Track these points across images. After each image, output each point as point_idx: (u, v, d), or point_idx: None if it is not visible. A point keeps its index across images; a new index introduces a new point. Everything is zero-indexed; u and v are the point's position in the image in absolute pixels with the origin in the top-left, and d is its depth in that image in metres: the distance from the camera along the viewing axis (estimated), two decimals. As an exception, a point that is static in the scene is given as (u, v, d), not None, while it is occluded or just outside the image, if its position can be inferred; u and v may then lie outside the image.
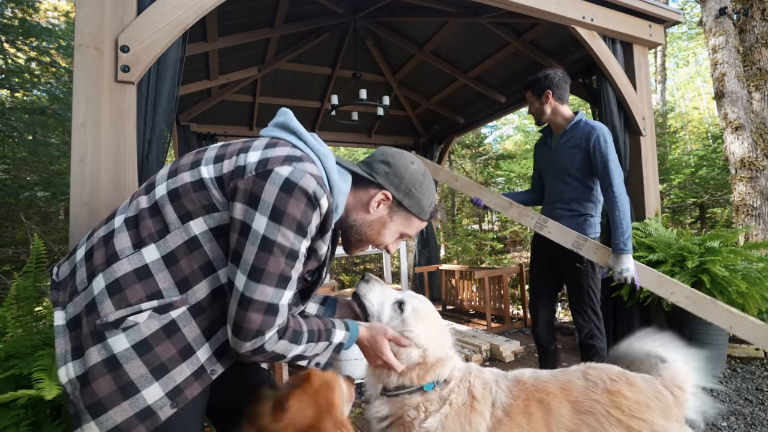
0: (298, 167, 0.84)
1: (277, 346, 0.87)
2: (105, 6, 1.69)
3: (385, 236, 1.06)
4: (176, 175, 0.90)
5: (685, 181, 6.40)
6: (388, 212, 1.04)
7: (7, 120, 4.34)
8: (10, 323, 1.32)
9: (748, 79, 4.37)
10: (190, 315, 0.87)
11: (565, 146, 2.18)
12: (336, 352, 1.02)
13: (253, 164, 0.84)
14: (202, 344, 0.88)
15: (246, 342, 0.84)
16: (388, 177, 1.02)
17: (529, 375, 1.18)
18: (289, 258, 0.84)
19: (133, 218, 0.90)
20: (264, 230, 0.81)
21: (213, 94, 4.74)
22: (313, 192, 0.83)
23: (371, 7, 3.87)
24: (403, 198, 1.02)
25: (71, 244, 1.59)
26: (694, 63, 15.35)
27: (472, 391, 1.11)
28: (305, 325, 0.94)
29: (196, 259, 0.87)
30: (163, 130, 1.82)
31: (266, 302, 0.83)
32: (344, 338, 1.02)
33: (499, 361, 3.27)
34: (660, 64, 12.14)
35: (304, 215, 0.83)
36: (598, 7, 2.90)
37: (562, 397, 1.09)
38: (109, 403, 0.81)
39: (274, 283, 0.83)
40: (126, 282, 0.85)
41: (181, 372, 0.86)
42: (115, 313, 0.83)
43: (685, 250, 2.62)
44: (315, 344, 0.95)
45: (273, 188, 0.81)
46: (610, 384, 1.10)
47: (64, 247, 4.21)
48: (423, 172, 1.05)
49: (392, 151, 1.06)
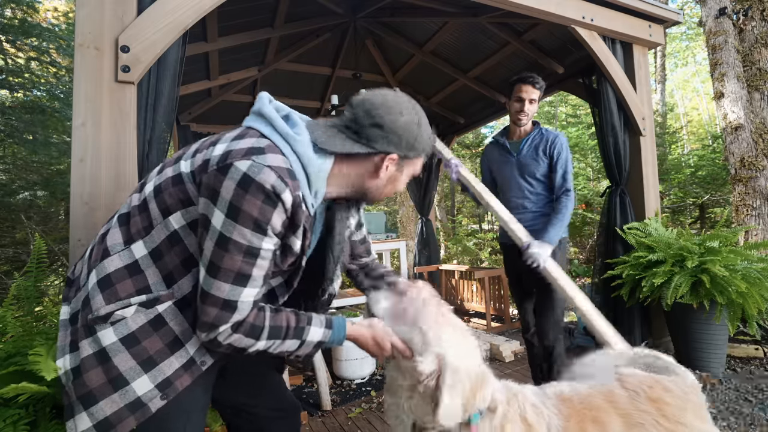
0: (258, 161, 0.80)
1: (231, 339, 0.85)
2: (105, 6, 1.69)
3: (399, 187, 1.05)
4: (162, 171, 0.92)
5: (684, 181, 6.40)
6: (397, 168, 0.99)
7: (7, 120, 4.34)
8: (10, 323, 1.32)
9: (747, 80, 4.37)
10: (177, 309, 0.88)
11: (530, 151, 2.21)
12: (317, 349, 0.97)
13: (216, 158, 0.83)
14: (190, 337, 0.89)
15: (201, 333, 0.85)
16: (387, 139, 0.93)
17: (570, 391, 1.08)
18: (247, 256, 0.82)
19: (126, 215, 0.92)
20: (220, 227, 0.80)
21: (213, 94, 4.74)
22: (272, 187, 0.79)
23: (371, 7, 3.87)
24: (407, 152, 0.97)
25: (71, 243, 1.59)
26: (693, 63, 15.36)
27: (526, 418, 0.97)
28: (269, 321, 0.89)
29: (178, 253, 0.88)
30: (164, 130, 1.82)
31: (222, 298, 0.82)
32: (324, 336, 0.96)
33: (499, 361, 3.27)
34: (660, 64, 12.15)
35: (262, 213, 0.80)
36: (598, 7, 2.90)
37: (612, 411, 1.02)
38: (100, 394, 0.83)
39: (230, 280, 0.82)
40: (117, 277, 0.87)
41: (170, 365, 0.87)
42: (106, 307, 0.85)
43: (684, 250, 2.62)
44: (281, 341, 0.91)
45: (230, 184, 0.79)
46: (650, 391, 1.05)
47: (65, 247, 4.21)
48: (417, 120, 0.96)
49: (375, 103, 0.92)
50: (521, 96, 2.18)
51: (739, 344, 3.04)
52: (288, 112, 0.95)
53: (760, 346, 2.97)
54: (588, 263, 5.88)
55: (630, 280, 2.79)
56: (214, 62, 3.95)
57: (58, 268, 4.40)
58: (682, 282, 2.51)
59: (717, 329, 2.63)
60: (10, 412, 1.04)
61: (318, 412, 2.49)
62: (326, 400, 2.54)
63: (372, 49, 4.76)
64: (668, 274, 2.58)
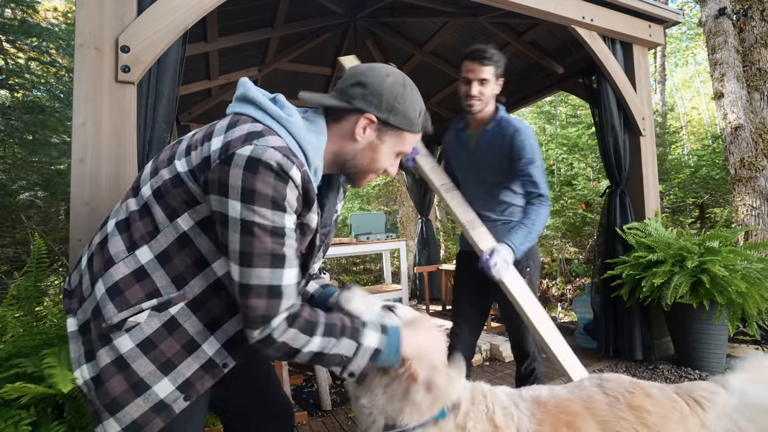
0: (260, 143, 0.80)
1: (287, 335, 0.82)
2: (105, 6, 1.69)
3: (380, 161, 0.99)
4: (157, 173, 0.90)
5: (684, 181, 6.40)
6: (377, 135, 0.96)
7: (7, 120, 4.34)
8: (10, 323, 1.32)
9: (747, 80, 4.38)
10: (190, 310, 0.88)
11: (486, 150, 1.80)
12: (372, 360, 0.88)
13: (216, 151, 0.82)
14: (206, 338, 0.89)
15: (254, 331, 0.81)
16: (366, 98, 0.92)
17: (548, 394, 1.06)
18: (275, 236, 0.80)
19: (124, 221, 0.90)
20: (240, 215, 0.79)
21: (213, 94, 4.74)
22: (278, 164, 0.79)
23: (371, 7, 3.87)
24: (388, 116, 0.93)
25: (71, 243, 1.59)
26: (693, 63, 15.36)
27: (494, 419, 0.95)
28: (323, 317, 0.86)
29: (189, 254, 0.87)
30: (164, 130, 1.82)
31: (265, 285, 0.80)
32: (379, 343, 0.88)
33: (499, 361, 3.28)
34: (660, 64, 12.15)
35: (276, 189, 0.79)
36: (598, 7, 2.90)
37: (588, 417, 0.98)
38: (124, 400, 0.83)
39: (267, 263, 0.80)
40: (125, 284, 0.86)
41: (188, 366, 0.87)
42: (118, 315, 0.84)
43: (684, 250, 2.62)
44: (337, 340, 0.85)
45: (237, 170, 0.78)
46: (630, 397, 1.01)
47: (65, 247, 4.21)
48: (402, 81, 0.95)
49: (363, 68, 0.95)
50: (467, 77, 1.74)
51: (739, 344, 3.05)
52: (274, 95, 0.95)
53: (760, 346, 2.98)
54: (588, 263, 5.88)
55: (630, 280, 2.80)
56: (214, 62, 3.95)
57: (58, 268, 4.40)
58: (682, 282, 2.51)
59: (717, 329, 2.63)
60: (12, 413, 1.04)
61: (318, 412, 2.49)
62: (326, 400, 2.54)
63: (372, 49, 4.76)
64: (668, 274, 2.58)
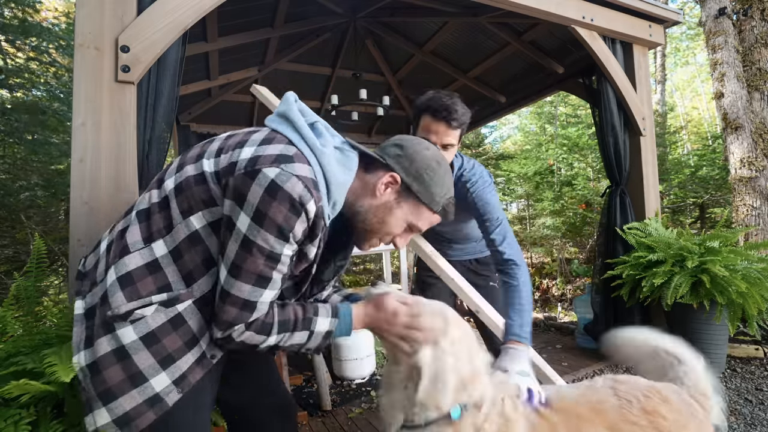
0: (287, 169, 0.81)
1: (244, 336, 0.88)
2: (105, 6, 1.69)
3: (390, 224, 0.98)
4: (183, 169, 0.91)
5: (685, 181, 6.40)
6: (396, 197, 0.97)
7: (7, 120, 4.34)
8: (10, 323, 1.32)
9: (747, 79, 4.37)
10: (196, 308, 0.89)
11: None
12: (326, 339, 0.96)
13: (244, 161, 0.84)
14: (204, 333, 0.91)
15: (218, 331, 0.87)
16: (398, 159, 0.97)
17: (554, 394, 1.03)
18: (269, 260, 0.84)
19: (145, 211, 0.92)
20: (245, 230, 0.81)
21: (213, 94, 4.74)
22: (299, 197, 0.81)
23: (371, 7, 3.87)
24: (412, 182, 0.96)
25: (71, 243, 1.59)
26: (693, 63, 15.36)
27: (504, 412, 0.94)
28: (278, 316, 0.91)
29: (198, 253, 0.88)
30: (164, 130, 1.82)
31: (242, 298, 0.84)
32: (330, 326, 0.96)
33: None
34: (660, 64, 12.15)
35: (286, 220, 0.81)
36: (598, 7, 2.90)
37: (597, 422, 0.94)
38: (119, 391, 0.84)
39: (251, 281, 0.84)
40: (138, 275, 0.87)
41: (186, 361, 0.89)
42: (127, 305, 0.85)
43: (685, 250, 2.62)
44: (291, 334, 0.92)
45: (258, 189, 0.80)
46: (645, 401, 0.96)
47: (65, 247, 4.21)
48: (438, 159, 1.00)
49: (408, 137, 1.03)
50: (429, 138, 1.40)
51: (739, 344, 3.04)
52: (314, 120, 0.97)
53: (760, 346, 2.97)
54: (588, 263, 5.89)
55: (630, 280, 2.80)
56: (214, 62, 3.95)
57: (58, 268, 4.39)
58: (682, 282, 2.51)
59: (717, 329, 2.63)
60: (11, 412, 1.04)
61: (318, 412, 2.49)
62: (326, 400, 2.54)
63: (372, 48, 4.76)
64: (668, 274, 2.58)
